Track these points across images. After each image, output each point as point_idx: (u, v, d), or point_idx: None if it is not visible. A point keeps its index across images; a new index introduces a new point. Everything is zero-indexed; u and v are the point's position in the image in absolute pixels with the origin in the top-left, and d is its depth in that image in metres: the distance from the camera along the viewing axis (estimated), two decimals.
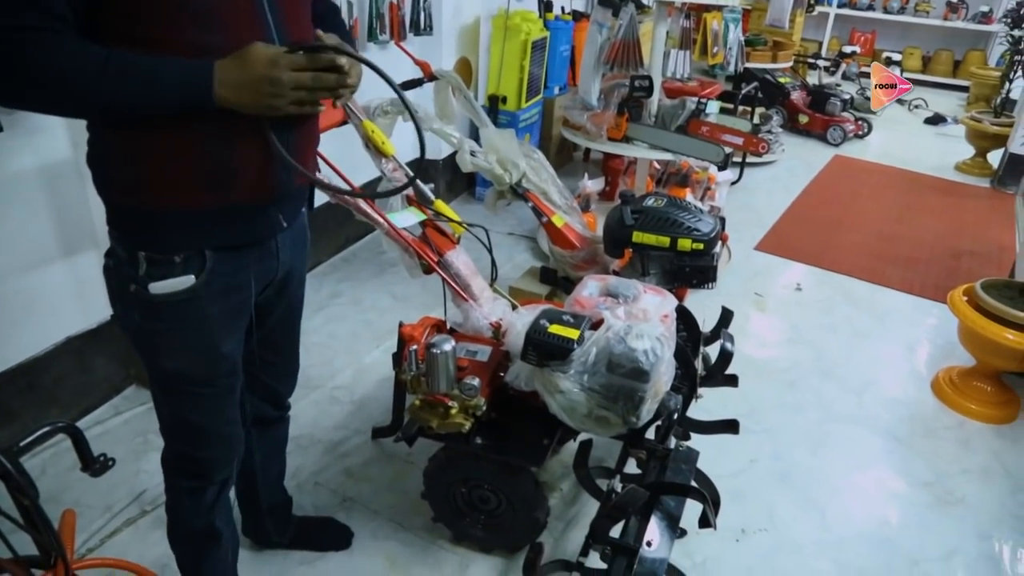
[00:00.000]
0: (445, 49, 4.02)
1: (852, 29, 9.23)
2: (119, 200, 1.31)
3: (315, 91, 1.20)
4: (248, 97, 1.16)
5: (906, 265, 4.15)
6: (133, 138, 1.22)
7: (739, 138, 3.32)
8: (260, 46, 1.15)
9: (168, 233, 1.30)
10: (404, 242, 2.01)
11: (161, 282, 1.32)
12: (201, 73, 1.15)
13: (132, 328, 1.40)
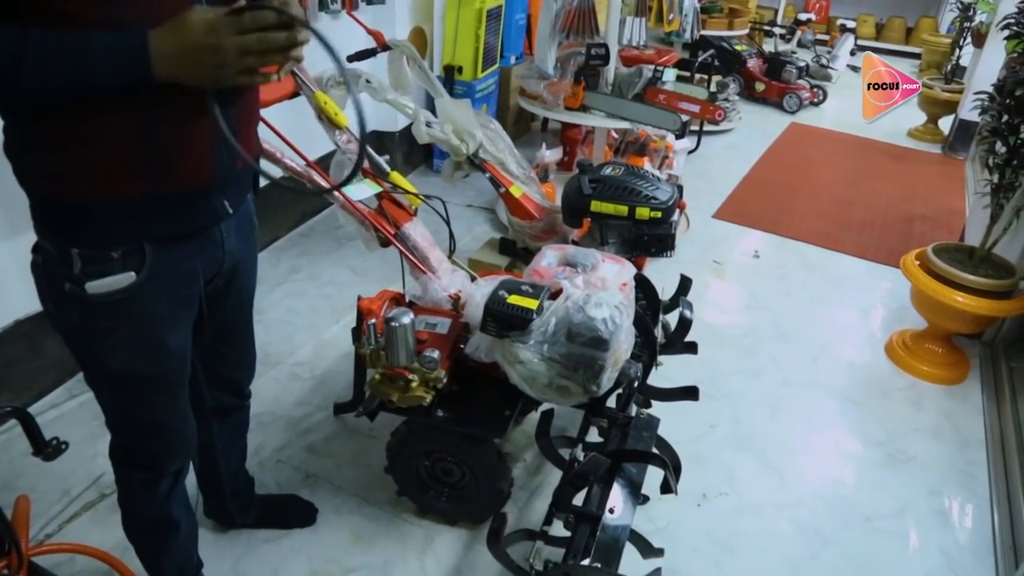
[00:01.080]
0: (399, 18, 3.94)
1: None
2: (45, 192, 1.19)
3: (264, 55, 1.06)
4: (189, 67, 1.05)
5: (860, 230, 4.22)
6: (55, 122, 1.10)
7: (696, 106, 3.33)
8: (199, 10, 1.04)
9: (102, 227, 1.19)
10: (360, 215, 1.98)
11: (99, 280, 1.21)
12: (134, 45, 1.03)
13: (68, 328, 1.31)
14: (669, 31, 4.62)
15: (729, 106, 5.58)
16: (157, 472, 1.57)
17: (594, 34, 3.38)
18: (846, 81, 7.51)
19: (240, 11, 1.04)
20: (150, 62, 1.03)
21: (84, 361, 1.38)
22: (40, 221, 1.23)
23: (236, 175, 1.31)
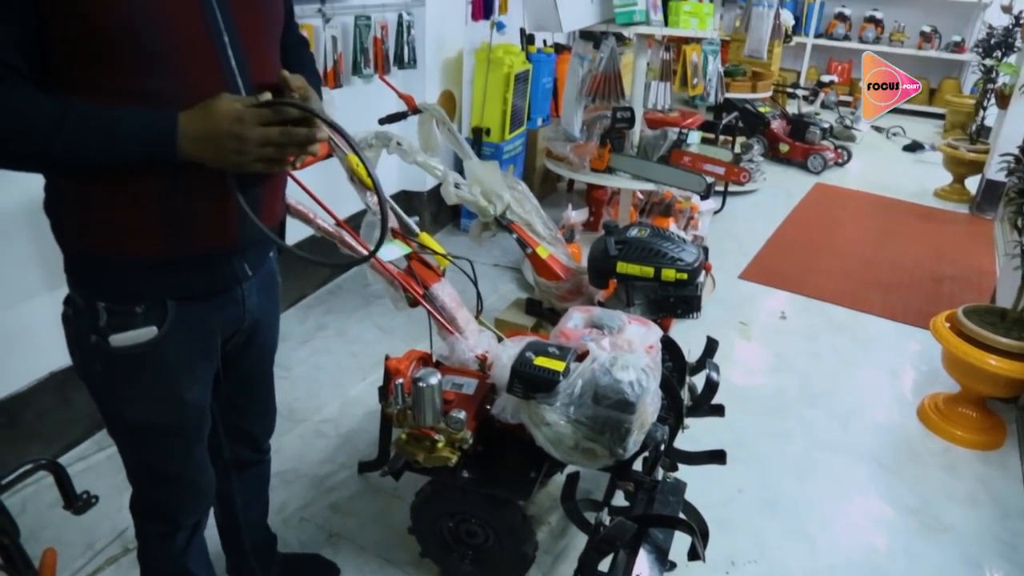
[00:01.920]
0: (429, 82, 4.06)
1: (830, 59, 9.40)
2: (76, 248, 1.26)
3: (284, 147, 1.13)
4: (212, 152, 1.11)
5: (888, 291, 4.19)
6: (88, 184, 1.17)
7: (721, 168, 3.36)
8: (226, 98, 1.10)
9: (127, 282, 1.25)
10: (389, 275, 2.01)
11: (122, 334, 1.27)
12: (164, 126, 1.10)
13: (92, 378, 1.36)
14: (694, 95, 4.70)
15: (753, 167, 5.61)
16: (174, 524, 1.59)
17: (620, 98, 3.44)
18: (870, 142, 7.55)
19: (265, 104, 1.10)
20: (176, 144, 1.10)
21: (106, 411, 1.43)
22: (71, 275, 1.29)
23: (257, 239, 1.35)
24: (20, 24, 1.03)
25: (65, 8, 1.04)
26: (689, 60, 4.54)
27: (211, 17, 1.16)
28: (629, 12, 3.14)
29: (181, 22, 1.13)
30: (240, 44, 1.20)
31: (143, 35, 1.09)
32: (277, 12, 1.34)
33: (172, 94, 1.12)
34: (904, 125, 7.97)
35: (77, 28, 1.06)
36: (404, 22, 3.74)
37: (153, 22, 1.09)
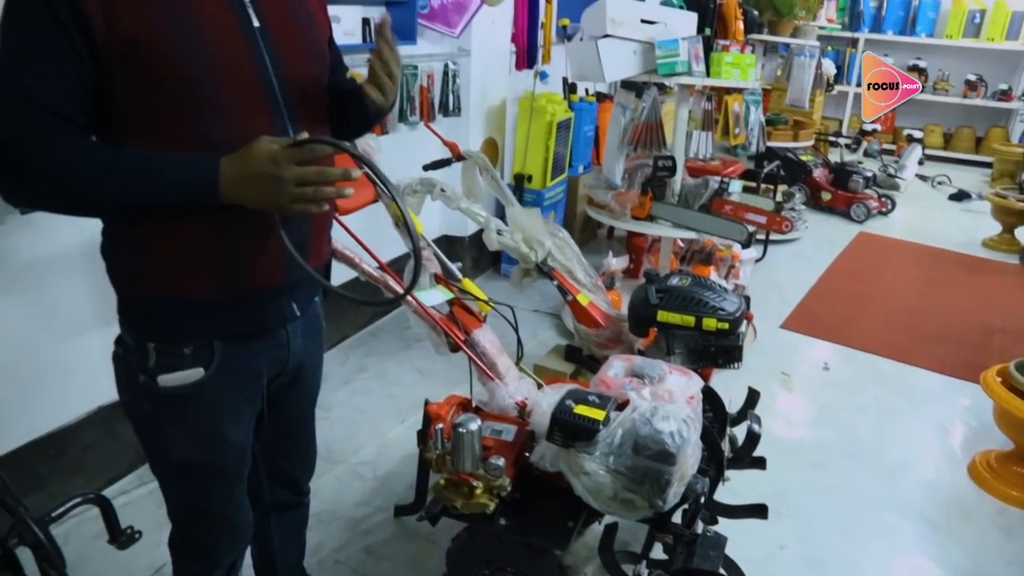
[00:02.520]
0: (473, 129, 4.13)
1: None
2: (129, 289, 1.31)
3: (320, 186, 1.14)
4: (251, 194, 1.14)
5: (935, 343, 4.10)
6: (141, 228, 1.22)
7: (762, 217, 3.35)
8: (265, 141, 1.13)
9: (177, 323, 1.29)
10: (432, 320, 2.04)
11: (170, 374, 1.30)
12: (206, 172, 1.14)
13: (138, 416, 1.39)
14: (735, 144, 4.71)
15: (795, 215, 5.59)
16: (211, 563, 1.60)
17: (661, 147, 3.47)
18: (914, 190, 7.46)
19: (301, 144, 1.12)
20: (218, 187, 1.14)
21: (149, 448, 1.45)
22: (123, 315, 1.33)
23: (304, 279, 1.38)
24: (79, 77, 1.10)
25: (123, 60, 1.11)
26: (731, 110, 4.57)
27: (261, 64, 1.22)
28: (671, 63, 3.18)
29: (234, 70, 1.19)
30: (288, 89, 1.26)
31: (197, 83, 1.15)
32: (323, 61, 1.39)
33: (224, 137, 1.16)
34: (950, 174, 7.87)
35: (134, 78, 1.12)
36: (450, 71, 3.84)
37: (207, 71, 1.15)
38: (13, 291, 2.18)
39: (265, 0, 1.25)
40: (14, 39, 1.09)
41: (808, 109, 6.04)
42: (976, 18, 8.43)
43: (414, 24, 3.50)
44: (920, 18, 8.78)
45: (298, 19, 1.32)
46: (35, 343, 2.27)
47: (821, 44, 6.12)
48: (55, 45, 1.07)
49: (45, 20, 1.07)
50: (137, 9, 1.10)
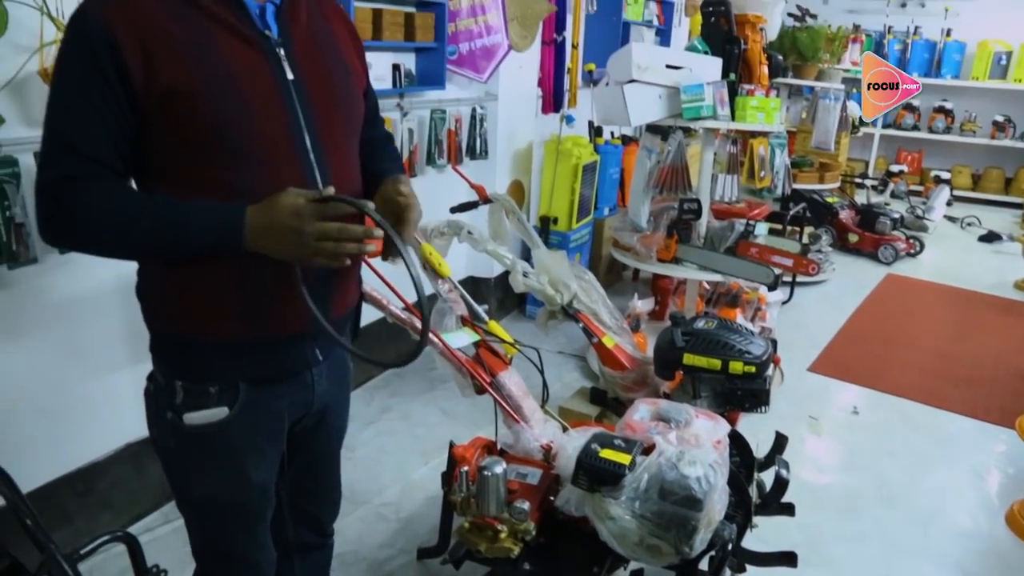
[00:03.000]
0: (499, 172, 4.19)
1: (899, 148, 9.33)
2: (160, 329, 1.35)
3: (340, 242, 1.16)
4: (272, 244, 1.17)
5: (968, 387, 4.03)
6: (174, 270, 1.26)
7: (788, 259, 3.35)
8: (291, 193, 1.16)
9: (204, 363, 1.32)
10: (458, 362, 2.05)
11: (196, 413, 1.32)
12: (232, 221, 1.17)
13: (165, 453, 1.42)
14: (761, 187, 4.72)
15: (822, 257, 5.55)
16: None
17: (687, 190, 3.49)
18: (943, 232, 7.39)
19: (325, 200, 1.15)
20: (242, 237, 1.17)
21: (175, 485, 1.48)
22: (155, 354, 1.37)
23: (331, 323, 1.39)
24: (119, 125, 1.16)
25: (159, 109, 1.16)
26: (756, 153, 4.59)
27: (293, 116, 1.26)
28: (696, 107, 3.22)
29: (265, 121, 1.23)
30: (319, 141, 1.29)
31: (231, 132, 1.19)
32: (357, 111, 1.43)
33: (253, 186, 1.20)
34: (979, 215, 7.80)
35: (170, 127, 1.18)
36: (477, 115, 3.91)
37: (239, 121, 1.20)
38: (49, 327, 2.24)
39: (301, 52, 1.30)
40: (63, 89, 1.16)
41: (834, 151, 6.04)
42: (1002, 60, 8.42)
43: (443, 70, 3.58)
44: (945, 60, 8.79)
45: (333, 71, 1.36)
46: (67, 379, 2.31)
47: (846, 87, 6.14)
48: (98, 95, 1.13)
49: (90, 72, 1.13)
50: (175, 61, 1.15)
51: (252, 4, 1.25)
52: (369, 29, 3.12)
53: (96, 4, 1.14)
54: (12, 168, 1.98)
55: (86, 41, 1.13)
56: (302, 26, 1.32)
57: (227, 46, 1.20)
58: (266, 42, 1.25)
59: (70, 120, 1.15)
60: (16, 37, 1.93)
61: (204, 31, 1.19)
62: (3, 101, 1.96)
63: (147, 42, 1.14)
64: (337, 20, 1.44)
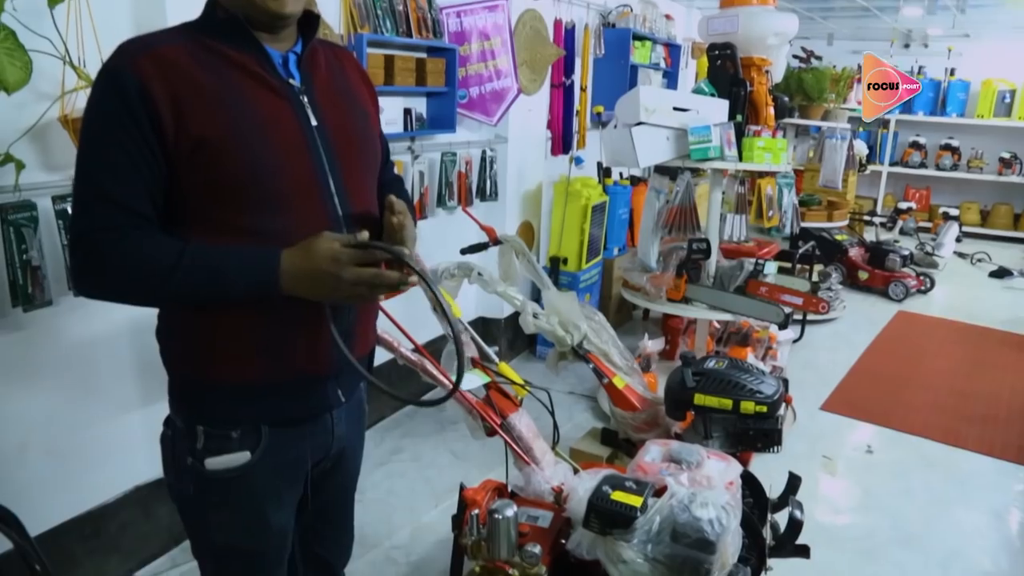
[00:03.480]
0: (509, 213, 4.23)
1: (906, 186, 9.36)
2: (181, 372, 1.35)
3: (375, 288, 1.20)
4: (309, 288, 1.20)
5: (984, 425, 3.99)
6: (197, 313, 1.27)
7: (798, 298, 3.35)
8: (326, 238, 1.18)
9: (227, 406, 1.32)
10: (469, 404, 2.05)
11: (217, 457, 1.32)
12: (268, 268, 1.19)
13: (183, 499, 1.40)
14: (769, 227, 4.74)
15: (832, 295, 5.55)
16: None
17: (695, 230, 3.52)
18: (953, 268, 7.38)
19: (361, 246, 1.18)
20: (279, 282, 1.19)
21: (192, 532, 1.46)
22: (174, 397, 1.37)
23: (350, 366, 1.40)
24: (152, 174, 1.19)
25: (190, 157, 1.19)
26: (764, 193, 4.62)
27: (318, 161, 1.29)
28: (704, 149, 3.25)
29: (292, 167, 1.26)
30: (342, 184, 1.32)
31: (260, 181, 1.22)
32: (375, 154, 1.47)
33: (282, 230, 1.23)
34: (989, 251, 7.79)
35: (201, 175, 1.21)
36: (487, 157, 3.96)
37: (269, 169, 1.23)
38: (61, 369, 2.26)
39: (323, 99, 1.34)
40: (96, 139, 1.18)
41: (842, 189, 6.06)
42: (1007, 98, 8.48)
43: (454, 114, 3.64)
44: (950, 99, 8.86)
45: (353, 117, 1.40)
46: (78, 421, 2.33)
47: (852, 126, 6.19)
48: (131, 145, 1.16)
49: (123, 122, 1.16)
50: (205, 110, 1.19)
51: (275, 54, 1.29)
52: (381, 75, 3.19)
53: (127, 56, 1.18)
54: (31, 212, 2.03)
55: (119, 92, 1.16)
56: (321, 74, 1.37)
57: (254, 95, 1.24)
58: (290, 90, 1.29)
59: (105, 170, 1.17)
60: (39, 85, 1.98)
61: (232, 81, 1.23)
62: (25, 147, 2.02)
63: (178, 93, 1.17)
64: (351, 68, 1.49)
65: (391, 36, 3.23)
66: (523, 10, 4.09)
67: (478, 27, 3.75)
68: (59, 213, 2.08)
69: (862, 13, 6.95)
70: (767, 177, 4.62)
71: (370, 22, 3.14)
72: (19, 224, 2.00)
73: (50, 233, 2.10)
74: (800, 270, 4.85)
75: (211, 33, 1.25)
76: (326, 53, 1.41)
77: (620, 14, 5.35)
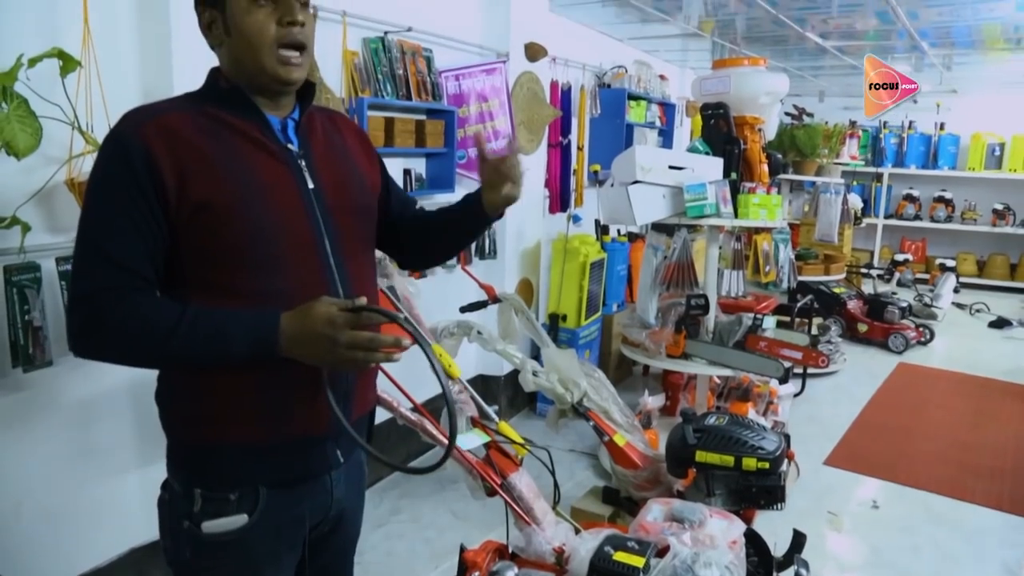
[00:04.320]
0: (508, 271, 4.26)
1: (902, 238, 9.44)
2: (180, 435, 1.35)
3: (371, 352, 1.19)
4: (306, 351, 1.20)
5: (991, 478, 3.94)
6: (196, 375, 1.28)
7: (798, 352, 3.35)
8: (324, 303, 1.19)
9: (224, 469, 1.32)
10: (468, 464, 2.05)
11: (215, 521, 1.31)
12: (267, 331, 1.20)
13: (180, 563, 1.39)
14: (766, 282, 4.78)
15: (832, 348, 5.55)
16: None
17: (693, 286, 3.54)
18: (953, 319, 7.39)
19: (358, 310, 1.19)
20: (278, 344, 1.21)
21: None
22: (172, 460, 1.37)
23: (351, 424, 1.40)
24: (154, 239, 1.21)
25: (189, 221, 1.22)
26: (760, 249, 4.66)
27: (314, 223, 1.32)
28: (700, 206, 3.30)
29: (290, 229, 1.29)
30: (339, 245, 1.35)
31: (259, 244, 1.25)
32: (371, 218, 1.50)
33: (280, 291, 1.25)
34: (987, 301, 7.81)
35: (200, 238, 1.23)
36: None
37: (265, 230, 1.26)
38: (59, 430, 2.26)
39: (320, 163, 1.38)
40: (100, 202, 1.21)
41: (838, 243, 6.12)
42: (996, 151, 8.63)
43: (453, 174, 3.70)
44: (941, 152, 9.01)
45: (349, 179, 1.44)
46: (74, 482, 2.31)
47: (846, 180, 6.28)
48: (134, 209, 1.19)
49: (128, 186, 1.19)
50: (207, 176, 1.22)
51: (275, 120, 1.34)
52: (382, 137, 3.25)
53: (134, 122, 1.22)
54: (34, 273, 2.06)
55: (125, 157, 1.19)
56: (319, 138, 1.41)
57: (255, 160, 1.28)
58: (288, 155, 1.33)
59: (108, 233, 1.20)
60: (47, 149, 2.03)
61: (233, 147, 1.27)
62: (31, 209, 2.06)
63: (182, 158, 1.21)
64: (349, 132, 1.53)
65: (391, 99, 3.30)
66: (520, 72, 4.19)
67: (476, 89, 3.84)
68: (62, 274, 2.11)
69: (851, 71, 7.12)
70: (763, 233, 4.67)
71: (371, 86, 3.22)
72: (22, 285, 2.03)
73: (52, 294, 2.12)
74: (799, 324, 4.87)
75: (214, 101, 1.30)
76: (322, 118, 1.46)
77: (615, 75, 5.49)
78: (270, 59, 1.27)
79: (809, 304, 4.97)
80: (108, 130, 1.25)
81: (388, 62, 3.29)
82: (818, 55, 6.27)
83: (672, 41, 5.82)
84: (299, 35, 1.28)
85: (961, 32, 5.08)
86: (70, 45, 2.04)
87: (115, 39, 2.25)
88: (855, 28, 5.05)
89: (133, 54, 2.32)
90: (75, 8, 2.11)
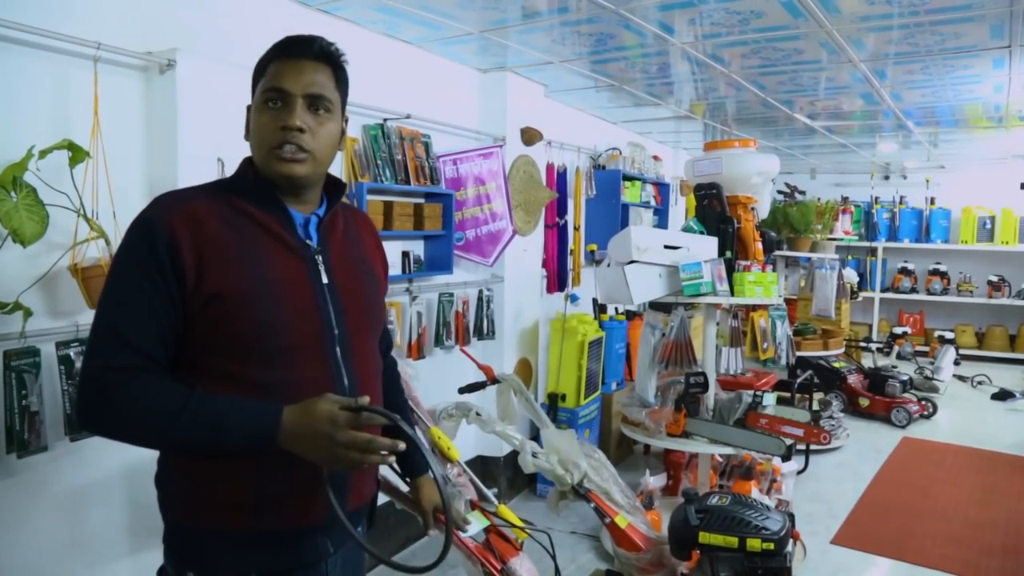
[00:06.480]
0: (507, 351, 4.27)
1: (900, 310, 9.47)
2: (177, 519, 1.36)
3: (367, 453, 1.21)
4: (304, 446, 1.22)
5: (1005, 557, 3.85)
6: (196, 462, 1.30)
7: (799, 429, 3.33)
8: (327, 399, 1.21)
9: (216, 554, 1.32)
10: (468, 550, 2.01)
11: None
12: (268, 424, 1.22)
13: None
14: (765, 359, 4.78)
15: (834, 423, 5.51)
16: None
17: (692, 364, 3.54)
18: (955, 391, 7.34)
19: (358, 410, 1.21)
20: (276, 438, 1.22)
21: None
22: (168, 545, 1.37)
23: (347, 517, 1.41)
24: (169, 322, 1.25)
25: (202, 309, 1.25)
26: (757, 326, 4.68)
27: (325, 317, 1.36)
28: (696, 284, 3.33)
29: (302, 323, 1.32)
30: (347, 341, 1.38)
31: (269, 333, 1.28)
32: (380, 316, 1.55)
33: (285, 383, 1.28)
34: (988, 373, 7.78)
35: (210, 325, 1.26)
36: (484, 297, 4.04)
37: (278, 326, 1.29)
38: (51, 517, 2.23)
39: (336, 260, 1.42)
40: (121, 284, 1.26)
41: (835, 318, 6.14)
42: (987, 224, 8.75)
43: (451, 255, 3.75)
44: (933, 226, 9.13)
45: (362, 278, 1.48)
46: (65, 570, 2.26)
47: (840, 255, 6.34)
48: (155, 293, 1.23)
49: (150, 271, 1.23)
50: (225, 266, 1.26)
51: (298, 216, 1.39)
52: (381, 220, 3.31)
53: (161, 210, 1.28)
54: (34, 358, 2.07)
55: (150, 243, 1.24)
56: (338, 237, 1.46)
57: (273, 254, 1.33)
58: (306, 250, 1.37)
59: (125, 314, 1.23)
60: (51, 236, 2.07)
61: (254, 239, 1.31)
62: (33, 294, 2.08)
63: (203, 248, 1.25)
64: (367, 232, 1.58)
65: (390, 184, 3.38)
66: (517, 156, 4.30)
67: (474, 173, 3.93)
68: (62, 359, 2.12)
69: (841, 149, 7.30)
70: (760, 310, 4.69)
71: (370, 171, 3.30)
72: (21, 370, 2.04)
73: (51, 378, 2.13)
74: (800, 400, 4.84)
75: (241, 192, 1.35)
76: (345, 216, 1.51)
77: (610, 156, 5.62)
78: (271, 158, 1.33)
79: (809, 380, 4.95)
80: (113, 216, 1.28)
81: (387, 148, 3.38)
82: (808, 134, 6.44)
83: (665, 123, 5.98)
84: (296, 140, 1.32)
85: (944, 111, 5.23)
86: (80, 135, 2.12)
87: (123, 130, 2.33)
88: (842, 109, 5.20)
89: (140, 145, 2.39)
90: (86, 100, 2.19)
